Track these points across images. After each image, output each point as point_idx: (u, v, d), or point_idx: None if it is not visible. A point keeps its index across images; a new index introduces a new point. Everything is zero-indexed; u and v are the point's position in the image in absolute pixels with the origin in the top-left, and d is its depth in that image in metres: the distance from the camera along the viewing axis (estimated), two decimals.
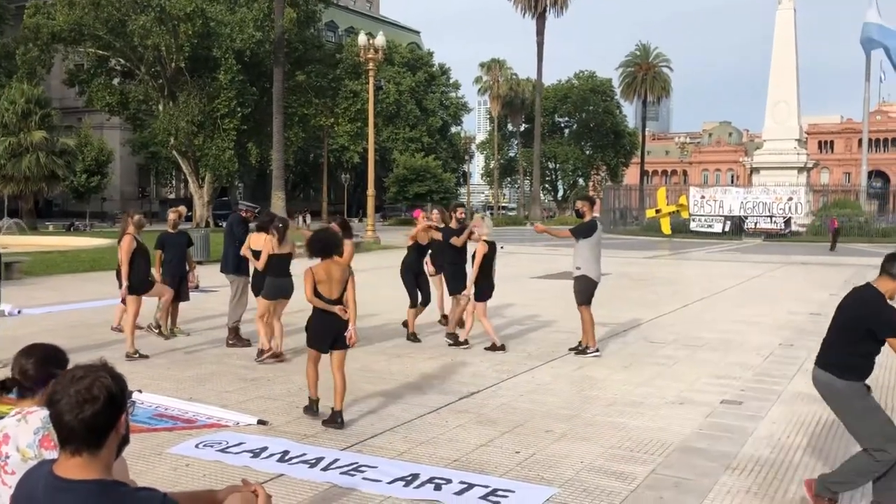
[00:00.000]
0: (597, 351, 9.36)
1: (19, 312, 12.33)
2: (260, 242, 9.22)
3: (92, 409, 2.16)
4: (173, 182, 75.96)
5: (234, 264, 10.03)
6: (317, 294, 6.36)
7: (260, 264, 9.15)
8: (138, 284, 9.28)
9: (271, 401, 7.16)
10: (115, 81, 47.71)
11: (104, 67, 46.87)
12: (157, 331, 10.17)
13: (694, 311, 13.67)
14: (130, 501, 2.13)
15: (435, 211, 11.45)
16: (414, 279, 10.48)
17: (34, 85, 43.14)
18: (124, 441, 2.31)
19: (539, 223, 11.11)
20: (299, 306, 7.60)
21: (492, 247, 9.74)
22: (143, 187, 70.51)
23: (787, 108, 45.99)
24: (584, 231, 9.33)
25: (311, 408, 6.62)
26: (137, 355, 8.91)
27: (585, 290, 9.35)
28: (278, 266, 9.02)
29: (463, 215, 10.47)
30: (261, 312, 9.08)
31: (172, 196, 73.96)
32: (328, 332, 6.39)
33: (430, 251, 10.80)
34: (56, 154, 42.39)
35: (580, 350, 9.43)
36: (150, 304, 10.19)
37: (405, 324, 10.80)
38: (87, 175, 53.50)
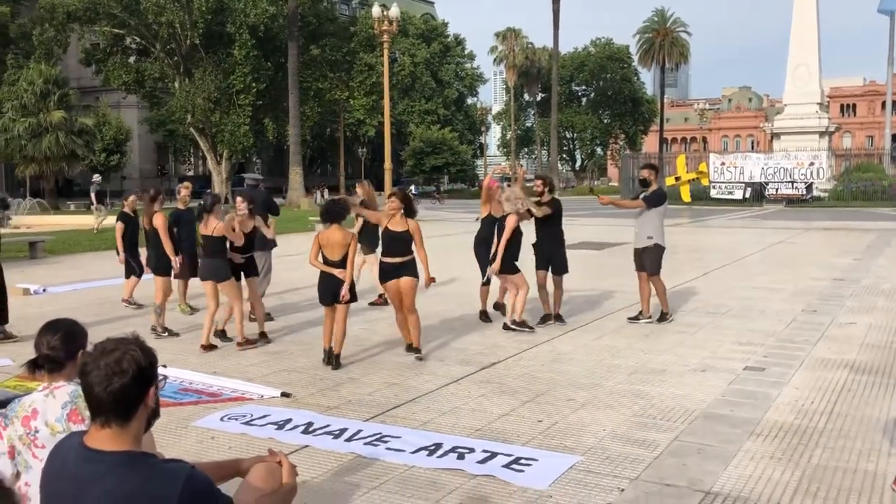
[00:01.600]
0: (650, 319, 9.43)
1: (44, 291, 12.49)
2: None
3: (120, 382, 2.19)
4: (192, 159, 76.27)
5: (260, 239, 10.07)
6: (324, 257, 7.34)
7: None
8: (164, 264, 9.34)
9: (295, 373, 7.23)
10: (131, 60, 47.81)
11: (120, 46, 46.95)
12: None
13: (715, 278, 13.59)
14: (158, 472, 2.16)
15: (359, 186, 10.72)
16: (487, 253, 9.72)
17: (52, 65, 43.33)
18: (154, 414, 2.34)
19: (603, 195, 10.70)
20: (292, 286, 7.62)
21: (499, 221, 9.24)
22: (162, 165, 70.79)
23: (808, 71, 45.25)
24: (656, 200, 9.31)
25: (324, 358, 7.49)
26: (166, 333, 8.98)
27: (658, 258, 9.36)
28: (209, 247, 8.38)
29: (540, 187, 9.61)
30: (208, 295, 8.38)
31: (191, 173, 74.27)
32: (327, 289, 7.42)
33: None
34: (75, 133, 42.70)
35: (661, 317, 9.41)
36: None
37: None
38: (107, 154, 53.74)
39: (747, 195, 41.42)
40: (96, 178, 28.96)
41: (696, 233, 25.52)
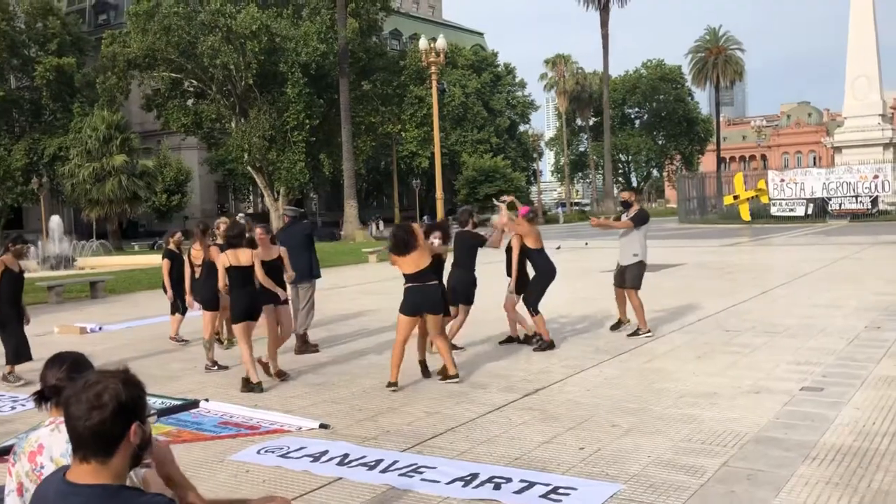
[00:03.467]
0: (649, 332, 9.72)
1: (100, 329, 12.74)
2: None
3: (100, 417, 2.13)
4: (251, 197, 77.84)
5: (310, 271, 10.13)
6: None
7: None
8: (213, 299, 9.28)
9: (335, 405, 7.15)
10: (189, 102, 49.16)
11: (178, 90, 48.35)
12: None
13: (773, 297, 13.13)
14: None
15: (222, 221, 10.58)
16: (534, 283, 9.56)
17: (114, 111, 44.89)
18: (141, 449, 2.27)
19: (594, 217, 10.90)
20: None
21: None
22: (222, 203, 72.45)
23: (868, 82, 44.03)
24: (642, 219, 9.98)
25: (423, 371, 7.94)
26: (216, 367, 8.99)
27: (640, 274, 9.86)
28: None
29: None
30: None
31: (251, 210, 75.73)
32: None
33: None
34: (137, 176, 44.04)
35: (634, 333, 9.76)
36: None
37: None
38: (168, 195, 55.36)
39: (809, 211, 40.23)
40: (240, 217, 29.53)
41: (756, 251, 24.84)
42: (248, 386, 7.77)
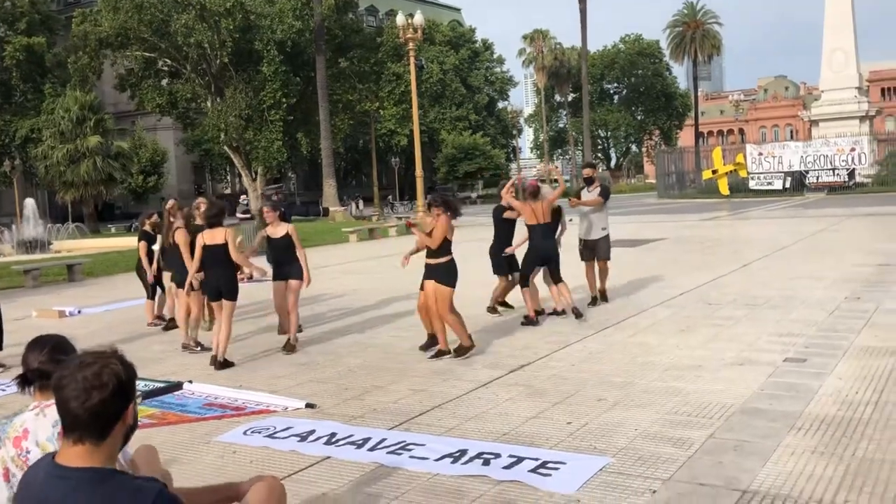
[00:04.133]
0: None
1: (79, 312, 12.60)
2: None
3: (100, 397, 2.08)
4: (228, 177, 77.19)
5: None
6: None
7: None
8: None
9: (321, 384, 7.12)
10: (164, 82, 48.40)
11: (152, 69, 47.57)
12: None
13: (754, 269, 13.23)
14: (125, 491, 2.04)
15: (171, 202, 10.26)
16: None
17: (87, 91, 44.12)
18: (131, 430, 2.22)
19: (573, 198, 10.88)
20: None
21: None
22: (199, 184, 71.81)
23: (845, 56, 44.27)
24: (608, 195, 10.53)
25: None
26: (199, 348, 8.91)
27: (610, 245, 10.51)
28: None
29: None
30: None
31: (228, 191, 75.13)
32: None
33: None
34: (112, 157, 43.42)
35: (599, 300, 10.35)
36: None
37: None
38: (144, 176, 54.74)
39: (787, 185, 40.54)
40: (243, 198, 28.93)
41: (734, 225, 25.01)
42: (225, 364, 7.81)
